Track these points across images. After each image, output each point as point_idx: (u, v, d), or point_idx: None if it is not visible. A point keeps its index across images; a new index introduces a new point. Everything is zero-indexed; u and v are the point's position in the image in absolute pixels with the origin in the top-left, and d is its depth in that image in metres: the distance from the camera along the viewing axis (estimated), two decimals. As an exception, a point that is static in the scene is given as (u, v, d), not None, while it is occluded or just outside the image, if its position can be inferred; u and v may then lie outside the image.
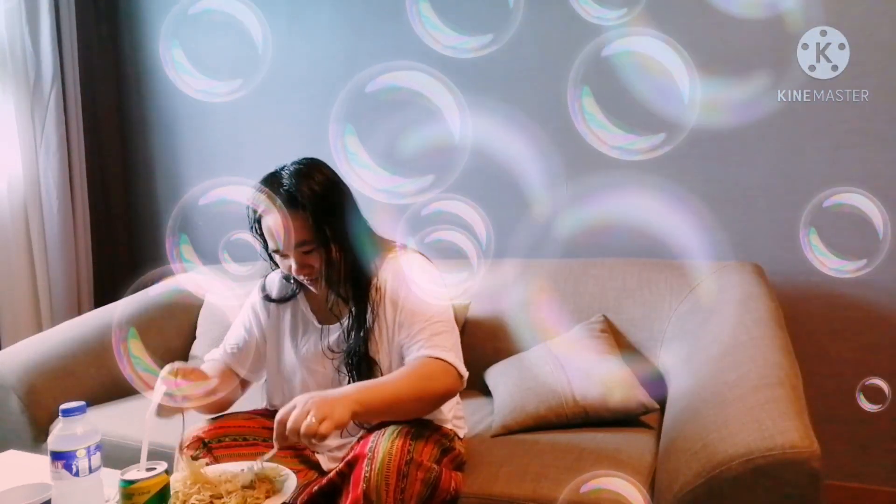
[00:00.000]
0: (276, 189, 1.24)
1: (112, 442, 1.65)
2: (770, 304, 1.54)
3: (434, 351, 1.22)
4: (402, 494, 1.09)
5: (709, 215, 1.99)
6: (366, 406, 1.10)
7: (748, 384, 1.17)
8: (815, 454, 0.97)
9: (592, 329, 1.78)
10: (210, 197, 1.17)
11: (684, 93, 1.10)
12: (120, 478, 0.95)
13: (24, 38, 2.46)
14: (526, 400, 1.60)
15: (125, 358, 1.11)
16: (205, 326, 2.27)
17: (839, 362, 1.91)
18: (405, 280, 1.29)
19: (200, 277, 1.70)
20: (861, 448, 1.91)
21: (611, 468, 1.32)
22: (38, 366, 1.89)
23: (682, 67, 1.09)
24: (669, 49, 1.09)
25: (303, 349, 1.37)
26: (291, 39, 2.49)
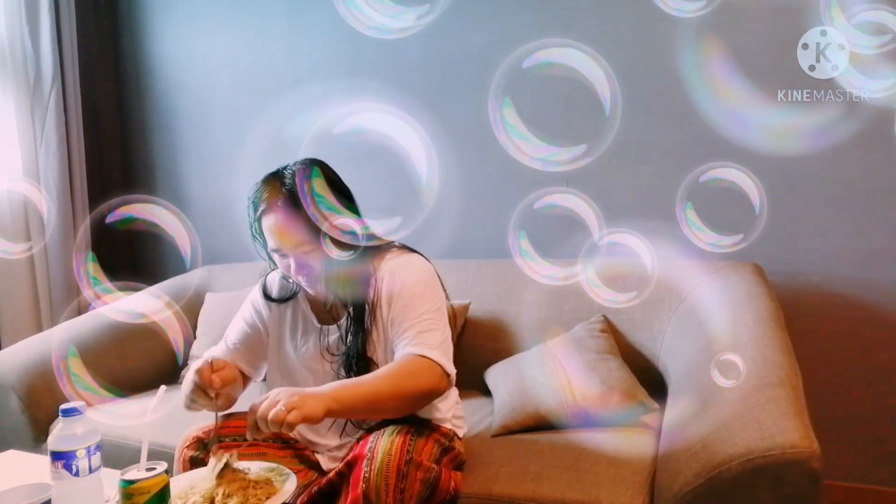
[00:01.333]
0: (278, 189, 1.24)
1: (112, 442, 1.65)
2: (770, 304, 1.54)
3: (419, 349, 1.21)
4: (402, 494, 1.09)
5: (709, 215, 1.99)
6: (342, 403, 1.09)
7: (748, 384, 1.17)
8: (815, 454, 0.97)
9: (592, 329, 1.78)
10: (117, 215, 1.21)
11: (606, 105, 1.11)
12: (120, 478, 0.95)
13: (24, 37, 2.46)
14: (526, 400, 1.60)
15: (65, 376, 1.12)
16: (205, 326, 2.27)
17: (839, 362, 1.91)
18: (400, 279, 1.29)
19: (127, 301, 1.74)
20: (861, 448, 1.91)
21: (611, 468, 1.32)
22: (38, 366, 1.89)
23: (602, 79, 1.09)
24: (591, 60, 1.10)
25: (302, 348, 1.37)
26: (291, 39, 2.49)
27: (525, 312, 1.94)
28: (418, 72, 2.31)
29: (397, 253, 1.35)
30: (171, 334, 1.54)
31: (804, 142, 1.88)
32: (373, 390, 1.15)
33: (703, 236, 1.27)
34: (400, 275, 1.29)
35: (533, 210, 1.20)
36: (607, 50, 1.09)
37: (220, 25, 2.62)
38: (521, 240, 1.25)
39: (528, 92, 1.23)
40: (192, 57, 2.69)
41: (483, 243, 2.18)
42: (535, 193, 1.21)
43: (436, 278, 1.34)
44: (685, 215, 1.27)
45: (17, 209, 2.48)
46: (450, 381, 1.25)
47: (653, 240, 2.05)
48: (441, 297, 1.32)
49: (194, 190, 2.75)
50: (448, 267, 1.77)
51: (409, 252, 1.36)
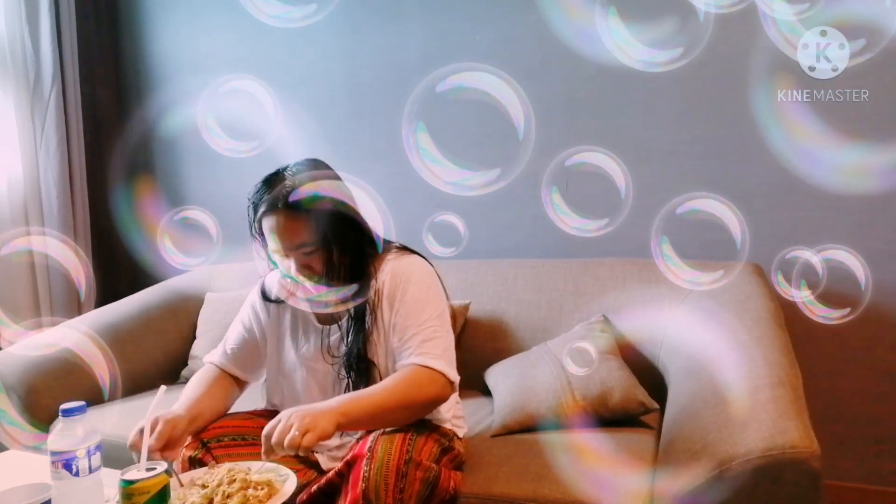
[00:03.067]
0: (279, 189, 1.24)
1: (112, 442, 1.65)
2: (770, 304, 1.54)
3: (423, 359, 1.22)
4: (402, 494, 1.09)
5: (709, 215, 1.99)
6: (350, 417, 1.12)
7: (748, 384, 1.17)
8: (815, 454, 0.98)
9: (592, 329, 1.78)
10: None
11: (519, 128, 1.12)
12: (120, 478, 0.95)
13: (24, 38, 2.46)
14: (526, 400, 1.60)
15: None
16: (205, 326, 2.26)
17: (839, 362, 1.91)
18: (402, 282, 1.29)
19: (51, 335, 1.74)
20: (861, 448, 1.91)
21: (611, 468, 1.32)
22: (38, 366, 1.89)
23: (517, 103, 1.10)
24: (504, 85, 1.10)
25: (303, 348, 1.37)
26: (292, 39, 2.49)
27: (525, 312, 1.94)
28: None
29: (398, 254, 1.34)
30: (96, 370, 1.55)
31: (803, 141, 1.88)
32: (379, 403, 1.17)
33: (568, 220, 1.28)
34: (401, 277, 1.29)
35: (675, 215, 1.21)
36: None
37: (220, 25, 2.62)
38: (663, 244, 1.25)
39: (443, 116, 1.24)
40: (192, 57, 2.69)
41: (483, 243, 2.18)
42: (678, 199, 1.23)
43: (437, 281, 1.34)
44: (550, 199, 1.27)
45: (17, 209, 2.48)
46: (453, 388, 1.27)
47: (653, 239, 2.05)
48: (443, 302, 1.32)
49: (194, 190, 2.75)
50: (448, 267, 1.77)
51: (409, 253, 1.36)
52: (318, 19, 1.18)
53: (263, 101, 1.40)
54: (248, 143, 1.35)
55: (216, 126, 1.37)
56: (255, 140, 1.35)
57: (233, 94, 1.38)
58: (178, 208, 1.42)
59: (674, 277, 1.28)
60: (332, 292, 1.29)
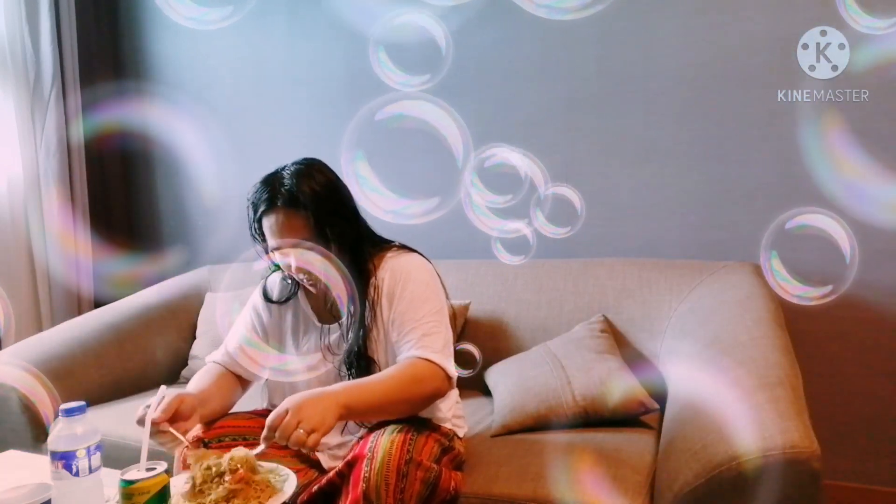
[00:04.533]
0: (277, 188, 1.24)
1: (112, 442, 1.65)
2: (770, 304, 1.54)
3: (423, 352, 1.23)
4: (402, 494, 1.09)
5: (709, 215, 1.99)
6: (351, 409, 1.13)
7: (748, 384, 1.17)
8: (815, 454, 0.97)
9: (592, 329, 1.78)
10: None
11: (458, 157, 1.12)
12: (120, 478, 0.95)
13: (24, 37, 2.46)
14: (526, 400, 1.60)
15: None
16: (205, 326, 2.27)
17: (839, 362, 1.91)
18: (401, 279, 1.29)
19: None
20: (861, 448, 1.91)
21: (611, 468, 1.32)
22: (38, 366, 1.89)
23: (456, 133, 1.11)
24: (444, 113, 1.11)
25: (304, 348, 1.37)
26: (292, 39, 2.49)
27: (525, 312, 1.94)
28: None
29: (397, 252, 1.35)
30: (40, 407, 1.54)
31: (803, 141, 1.88)
32: (381, 394, 1.17)
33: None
34: (401, 274, 1.30)
35: (784, 230, 1.20)
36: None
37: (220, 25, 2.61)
38: (772, 259, 1.25)
39: (382, 144, 1.22)
40: (192, 57, 2.69)
41: (483, 243, 2.18)
42: (787, 213, 1.22)
43: (436, 279, 1.34)
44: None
45: (17, 209, 2.48)
46: (452, 383, 1.27)
47: (652, 240, 2.06)
48: (442, 298, 1.33)
49: (194, 190, 2.75)
50: (448, 267, 1.77)
51: (408, 251, 1.37)
52: (234, 20, 1.18)
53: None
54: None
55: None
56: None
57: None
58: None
59: (783, 293, 1.27)
60: (331, 289, 1.29)
